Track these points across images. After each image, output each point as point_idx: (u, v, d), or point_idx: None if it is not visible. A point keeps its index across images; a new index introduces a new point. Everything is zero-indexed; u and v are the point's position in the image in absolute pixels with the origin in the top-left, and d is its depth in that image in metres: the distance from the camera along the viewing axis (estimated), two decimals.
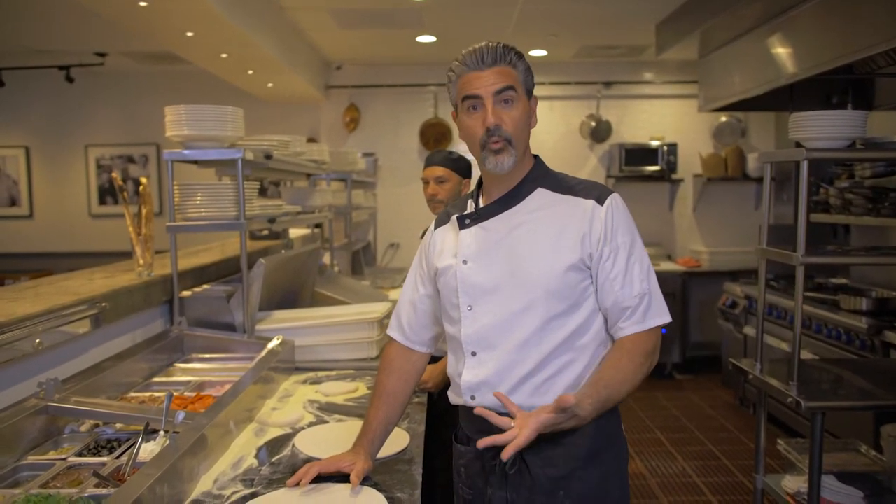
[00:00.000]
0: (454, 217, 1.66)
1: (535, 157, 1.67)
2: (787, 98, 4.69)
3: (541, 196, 1.60)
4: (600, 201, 1.56)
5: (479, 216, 1.62)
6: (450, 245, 1.66)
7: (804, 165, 2.40)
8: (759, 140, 6.82)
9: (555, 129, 6.98)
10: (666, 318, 1.59)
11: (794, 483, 2.63)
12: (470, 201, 1.68)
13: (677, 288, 6.38)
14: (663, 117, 6.96)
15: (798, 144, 2.59)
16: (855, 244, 4.76)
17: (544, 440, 1.51)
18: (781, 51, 4.19)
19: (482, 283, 1.57)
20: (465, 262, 1.60)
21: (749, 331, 5.20)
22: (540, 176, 1.63)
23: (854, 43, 3.42)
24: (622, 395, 1.51)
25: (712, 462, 4.40)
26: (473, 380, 1.58)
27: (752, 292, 5.23)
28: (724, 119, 6.79)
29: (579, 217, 1.55)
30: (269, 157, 2.85)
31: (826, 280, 4.85)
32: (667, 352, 6.39)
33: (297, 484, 1.55)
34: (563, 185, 1.62)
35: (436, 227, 1.75)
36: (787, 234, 2.68)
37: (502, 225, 1.59)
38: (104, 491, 1.42)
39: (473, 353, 1.58)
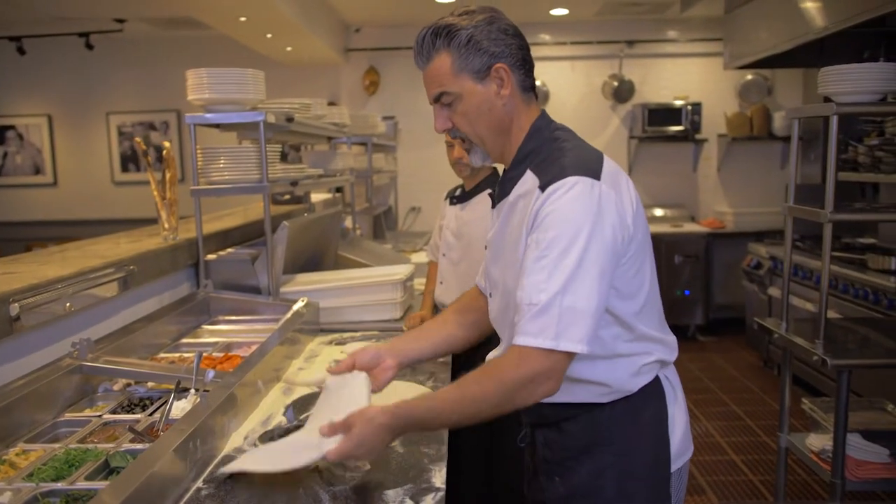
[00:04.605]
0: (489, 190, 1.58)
1: (540, 115, 1.47)
2: (816, 53, 4.57)
3: (527, 181, 1.41)
4: (545, 187, 1.33)
5: (494, 202, 1.52)
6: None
7: (834, 120, 2.35)
8: (785, 98, 6.69)
9: (576, 90, 6.89)
10: (552, 344, 1.23)
11: (818, 441, 2.63)
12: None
13: (700, 249, 6.34)
14: (687, 76, 6.84)
15: (827, 100, 2.53)
16: (884, 203, 4.67)
17: (550, 423, 1.50)
18: (811, 4, 4.08)
19: (492, 273, 1.53)
20: (486, 246, 1.56)
21: (773, 292, 5.16)
22: (531, 152, 1.43)
23: None
24: (457, 421, 1.31)
25: (735, 422, 4.40)
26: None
27: (776, 253, 5.18)
28: (749, 77, 6.65)
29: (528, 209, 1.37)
30: (290, 119, 2.84)
31: (853, 240, 4.77)
32: (690, 314, 6.37)
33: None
34: (546, 162, 1.39)
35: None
36: (814, 194, 2.64)
37: (504, 213, 1.47)
38: (139, 446, 1.45)
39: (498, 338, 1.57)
